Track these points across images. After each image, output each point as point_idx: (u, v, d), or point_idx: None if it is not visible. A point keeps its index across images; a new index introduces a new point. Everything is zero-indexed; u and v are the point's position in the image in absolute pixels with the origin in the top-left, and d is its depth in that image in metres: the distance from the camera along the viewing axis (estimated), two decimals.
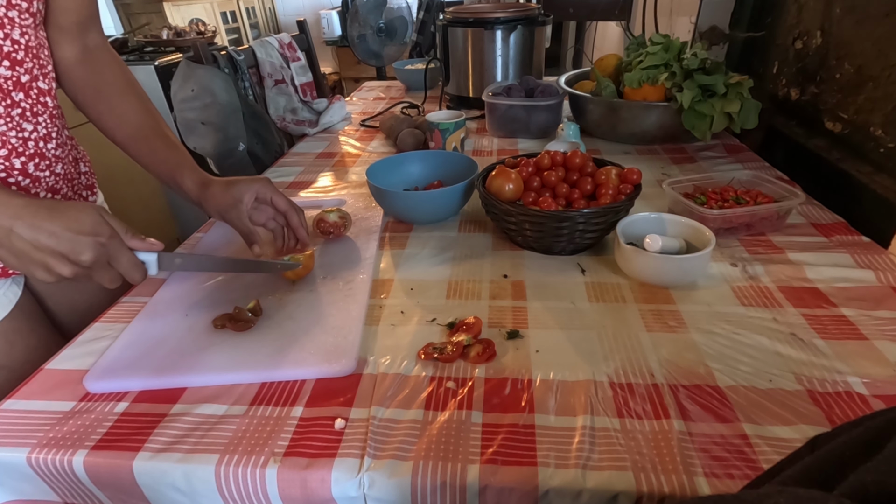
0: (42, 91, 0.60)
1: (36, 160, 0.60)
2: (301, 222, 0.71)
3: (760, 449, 0.43)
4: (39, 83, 0.59)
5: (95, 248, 0.49)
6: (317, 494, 0.43)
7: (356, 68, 3.59)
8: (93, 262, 0.49)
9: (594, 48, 2.46)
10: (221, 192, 0.67)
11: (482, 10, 1.32)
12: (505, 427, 0.46)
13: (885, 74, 0.78)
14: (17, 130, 0.57)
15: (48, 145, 0.61)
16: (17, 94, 0.56)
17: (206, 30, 2.69)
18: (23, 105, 0.57)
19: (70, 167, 0.67)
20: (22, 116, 0.57)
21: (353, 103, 1.61)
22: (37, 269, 0.49)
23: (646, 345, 0.54)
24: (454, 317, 0.60)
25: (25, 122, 0.58)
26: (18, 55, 0.56)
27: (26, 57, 0.57)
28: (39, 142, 0.60)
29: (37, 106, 0.59)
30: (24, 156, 0.58)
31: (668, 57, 1.03)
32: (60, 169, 0.64)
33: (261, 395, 0.51)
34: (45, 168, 0.61)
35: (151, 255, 0.53)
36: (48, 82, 0.61)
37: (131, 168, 0.81)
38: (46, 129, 0.61)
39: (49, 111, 0.61)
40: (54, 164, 0.63)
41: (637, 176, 0.72)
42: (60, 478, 0.47)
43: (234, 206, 0.66)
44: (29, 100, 0.58)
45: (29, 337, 0.65)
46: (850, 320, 0.56)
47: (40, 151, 0.60)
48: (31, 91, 0.58)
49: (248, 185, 0.67)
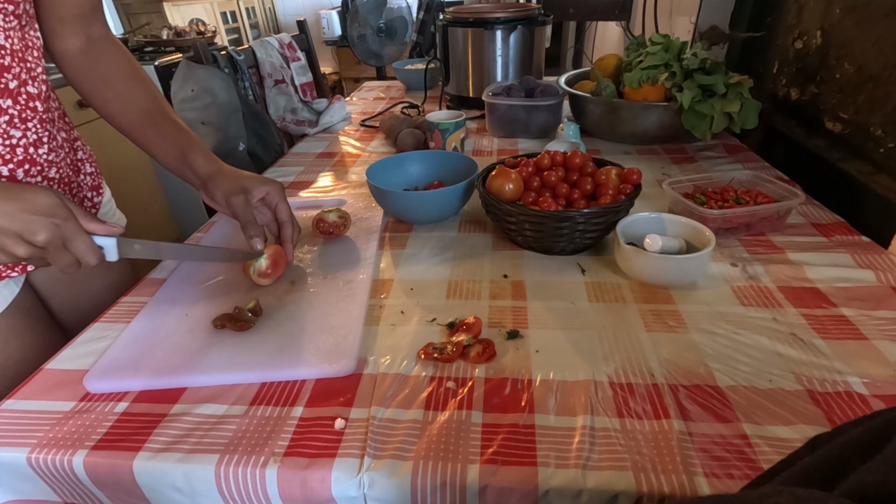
0: (31, 96, 0.58)
1: (26, 166, 0.58)
2: (292, 238, 0.68)
3: (760, 449, 0.43)
4: (28, 87, 0.58)
5: (50, 229, 0.49)
6: (317, 494, 0.43)
7: (356, 68, 3.59)
8: (47, 243, 0.49)
9: (594, 48, 2.46)
10: (233, 178, 0.65)
11: (482, 10, 1.32)
12: (505, 427, 0.46)
13: (885, 74, 0.78)
14: (4, 137, 0.56)
15: (39, 150, 0.60)
16: (4, 100, 0.55)
17: (206, 30, 2.69)
18: (10, 112, 0.56)
19: (68, 171, 0.66)
20: (9, 123, 0.56)
21: (353, 103, 1.61)
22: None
23: (646, 345, 0.54)
24: (454, 317, 0.60)
25: (13, 128, 0.56)
26: (5, 60, 0.54)
27: (13, 62, 0.55)
28: (29, 148, 0.58)
29: (25, 112, 0.58)
30: (11, 163, 0.57)
31: (668, 57, 1.03)
32: (55, 173, 0.63)
33: (261, 395, 0.51)
34: (37, 174, 0.60)
35: (110, 239, 0.53)
36: (37, 86, 0.59)
37: (131, 168, 0.81)
38: (37, 135, 0.59)
39: (39, 116, 0.59)
40: (47, 169, 0.61)
41: (637, 176, 0.72)
42: (60, 478, 0.47)
43: (241, 192, 0.64)
44: (17, 106, 0.57)
45: (24, 335, 0.65)
46: (850, 320, 0.56)
47: (30, 157, 0.59)
48: (19, 97, 0.57)
49: (260, 184, 0.66)
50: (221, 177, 0.66)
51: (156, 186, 2.11)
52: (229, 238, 0.79)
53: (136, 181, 1.92)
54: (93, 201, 0.73)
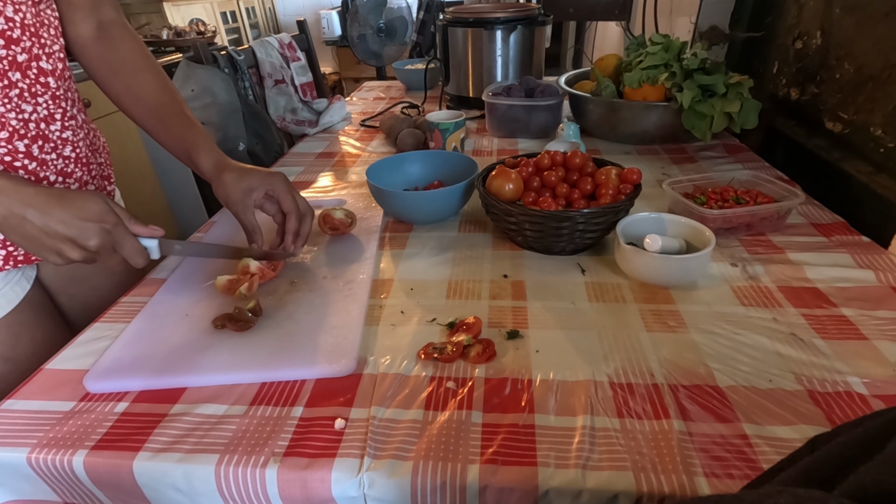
0: (43, 71, 0.58)
1: (39, 142, 0.59)
2: (295, 229, 0.68)
3: (760, 449, 0.43)
4: (41, 63, 0.58)
5: (102, 234, 0.52)
6: (317, 494, 0.43)
7: (356, 68, 3.59)
8: (99, 247, 0.52)
9: (594, 48, 2.46)
10: (233, 181, 0.65)
11: (482, 10, 1.32)
12: (505, 427, 0.46)
13: (885, 74, 0.78)
14: (16, 112, 0.56)
15: (51, 127, 0.60)
16: (13, 73, 0.55)
17: (206, 30, 2.69)
18: (20, 85, 0.56)
19: (86, 151, 0.66)
20: (20, 97, 0.56)
21: (353, 103, 1.61)
22: (49, 254, 0.52)
23: (646, 345, 0.54)
24: (454, 317, 0.60)
25: (24, 102, 0.57)
26: (14, 33, 0.55)
27: (23, 35, 0.56)
28: (41, 123, 0.59)
29: (35, 86, 0.58)
30: (26, 138, 0.57)
31: (668, 57, 1.03)
32: (70, 151, 0.63)
33: (261, 395, 0.51)
34: (51, 150, 0.61)
35: (153, 241, 0.57)
36: (52, 62, 0.60)
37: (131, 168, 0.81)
38: (48, 111, 0.60)
39: (51, 92, 0.60)
40: (61, 147, 0.62)
41: (637, 176, 0.72)
42: (60, 478, 0.47)
43: (241, 199, 0.65)
44: (27, 80, 0.57)
45: (35, 330, 0.65)
46: (850, 320, 0.56)
47: (43, 133, 0.59)
48: (29, 71, 0.57)
49: (260, 179, 0.66)
50: (222, 182, 0.66)
51: (156, 186, 2.11)
52: (229, 238, 0.79)
53: (136, 181, 1.92)
54: (106, 189, 0.73)
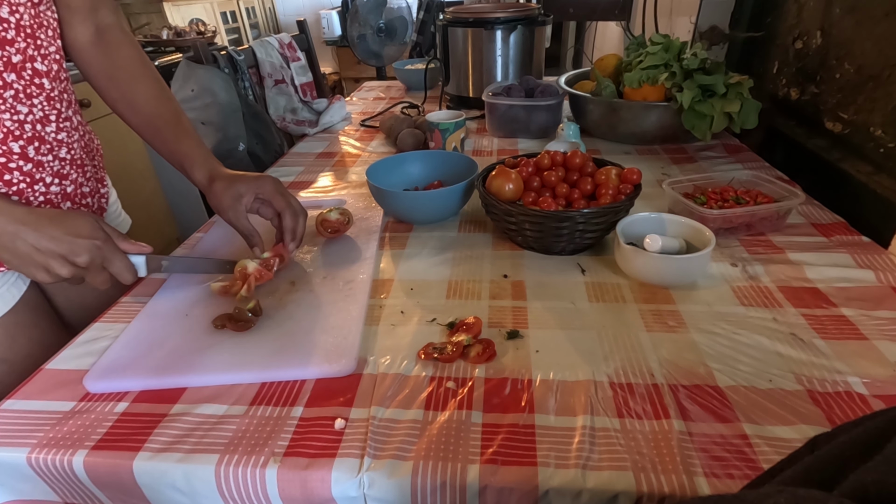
0: (38, 72, 0.58)
1: (35, 144, 0.59)
2: (290, 227, 0.68)
3: (760, 449, 0.43)
4: (36, 64, 0.58)
5: (91, 251, 0.53)
6: (317, 494, 0.43)
7: (356, 68, 3.59)
8: (89, 264, 0.53)
9: (594, 48, 2.46)
10: (223, 189, 0.66)
11: (482, 10, 1.32)
12: (505, 427, 0.46)
13: (885, 74, 0.78)
14: (11, 113, 0.56)
15: (46, 128, 0.60)
16: (8, 74, 0.55)
17: (206, 30, 2.69)
18: (15, 86, 0.56)
19: (79, 152, 0.66)
20: (15, 98, 0.56)
21: (353, 103, 1.61)
22: (38, 271, 0.53)
23: (646, 345, 0.54)
24: (454, 317, 0.60)
25: (19, 104, 0.57)
26: (8, 34, 0.55)
27: (18, 36, 0.56)
28: (37, 125, 0.59)
29: (31, 87, 0.58)
30: (21, 139, 0.57)
31: (668, 57, 1.03)
32: (66, 153, 0.63)
33: (261, 395, 0.51)
34: (47, 152, 0.61)
35: (140, 257, 0.58)
36: (47, 64, 0.60)
37: (131, 168, 0.81)
38: (43, 112, 0.60)
39: (46, 93, 0.60)
40: (57, 149, 0.62)
41: (637, 176, 0.72)
42: (60, 478, 0.47)
43: (232, 207, 0.66)
44: (22, 81, 0.57)
45: (32, 330, 0.65)
46: (850, 320, 0.56)
47: (38, 135, 0.59)
48: (23, 72, 0.57)
49: (249, 184, 0.66)
50: (213, 192, 0.67)
51: (156, 186, 2.11)
52: (229, 238, 0.79)
53: (136, 181, 1.92)
54: (100, 192, 0.73)
